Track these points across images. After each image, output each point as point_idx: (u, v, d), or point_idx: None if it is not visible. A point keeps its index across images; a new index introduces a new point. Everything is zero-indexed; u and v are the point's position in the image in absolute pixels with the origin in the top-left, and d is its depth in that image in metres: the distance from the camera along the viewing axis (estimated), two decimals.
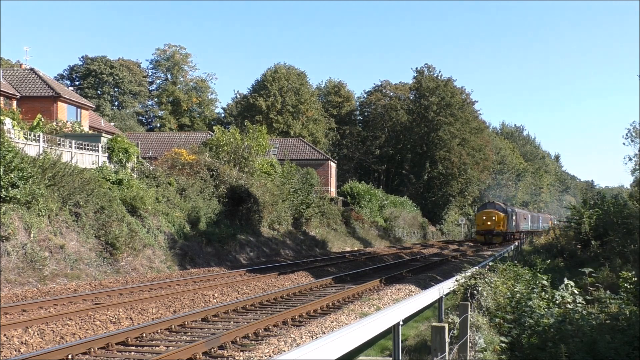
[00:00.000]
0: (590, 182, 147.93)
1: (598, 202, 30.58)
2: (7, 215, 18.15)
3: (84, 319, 12.54)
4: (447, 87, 78.38)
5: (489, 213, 54.73)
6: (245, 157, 38.11)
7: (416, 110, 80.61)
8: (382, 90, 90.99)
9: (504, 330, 10.91)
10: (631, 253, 21.20)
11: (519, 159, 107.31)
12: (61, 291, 16.73)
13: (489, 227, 54.12)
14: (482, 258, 32.88)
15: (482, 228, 54.86)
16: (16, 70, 45.55)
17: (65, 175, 21.61)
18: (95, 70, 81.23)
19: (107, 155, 27.56)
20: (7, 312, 13.06)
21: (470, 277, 13.04)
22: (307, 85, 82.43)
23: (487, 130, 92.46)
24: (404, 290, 19.12)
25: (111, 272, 20.70)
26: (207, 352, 10.09)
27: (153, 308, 14.29)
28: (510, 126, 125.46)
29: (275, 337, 11.38)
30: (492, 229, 53.88)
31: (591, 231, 27.00)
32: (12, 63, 58.92)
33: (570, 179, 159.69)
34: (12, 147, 19.65)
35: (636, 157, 35.61)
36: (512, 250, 35.56)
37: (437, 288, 13.59)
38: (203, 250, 27.62)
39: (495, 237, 53.79)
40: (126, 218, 23.27)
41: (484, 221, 54.68)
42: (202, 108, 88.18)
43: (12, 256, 17.61)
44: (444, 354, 6.99)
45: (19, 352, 10.10)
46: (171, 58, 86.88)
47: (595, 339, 9.59)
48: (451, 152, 76.64)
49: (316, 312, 14.74)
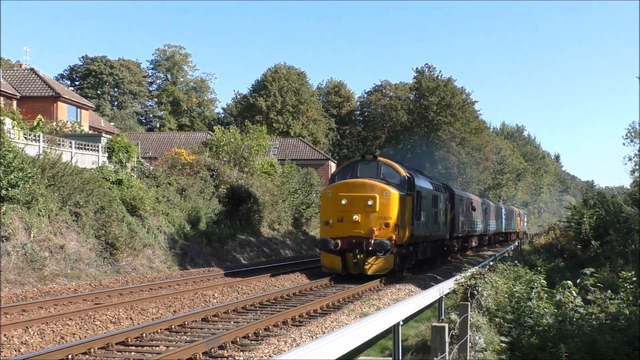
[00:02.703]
0: (590, 182, 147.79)
1: (598, 202, 30.56)
2: (7, 215, 18.15)
3: (84, 319, 12.54)
4: (447, 87, 78.35)
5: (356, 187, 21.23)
6: (245, 157, 38.09)
7: (416, 110, 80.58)
8: (382, 90, 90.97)
9: (504, 330, 10.91)
10: (631, 253, 21.19)
11: (519, 159, 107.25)
12: (61, 291, 16.74)
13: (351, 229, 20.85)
14: (482, 258, 32.87)
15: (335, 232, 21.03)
16: (16, 70, 45.55)
17: (65, 175, 21.61)
18: (95, 70, 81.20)
19: (107, 155, 27.56)
20: (7, 312, 13.06)
21: (470, 277, 13.04)
22: (307, 85, 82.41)
23: (487, 130, 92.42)
24: (404, 290, 19.13)
25: (111, 272, 20.70)
26: (207, 352, 10.09)
27: (153, 308, 14.29)
28: (511, 126, 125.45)
29: (275, 337, 11.38)
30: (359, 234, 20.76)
31: (591, 231, 26.98)
32: (12, 63, 58.86)
33: (570, 179, 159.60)
34: (12, 147, 19.65)
35: (636, 157, 35.62)
36: (512, 250, 35.55)
37: (437, 288, 13.59)
38: (203, 250, 27.62)
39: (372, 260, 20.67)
40: (126, 218, 23.27)
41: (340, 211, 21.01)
42: (202, 108, 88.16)
43: (12, 256, 17.61)
44: (444, 354, 6.99)
45: (19, 352, 10.10)
46: (171, 58, 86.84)
47: (595, 339, 9.58)
48: (451, 152, 76.64)
49: (316, 312, 14.74)
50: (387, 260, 20.68)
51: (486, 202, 45.86)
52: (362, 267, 20.58)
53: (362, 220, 20.55)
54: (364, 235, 20.43)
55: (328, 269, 21.36)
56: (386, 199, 20.68)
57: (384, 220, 20.48)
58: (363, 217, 20.56)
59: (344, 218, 20.68)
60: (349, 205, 20.67)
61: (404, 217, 21.43)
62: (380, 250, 20.28)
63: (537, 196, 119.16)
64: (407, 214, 21.86)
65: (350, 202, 20.73)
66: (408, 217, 21.96)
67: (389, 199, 20.73)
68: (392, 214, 20.64)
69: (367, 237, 20.33)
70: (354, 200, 20.72)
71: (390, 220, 20.55)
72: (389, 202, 20.70)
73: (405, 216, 21.65)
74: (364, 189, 20.87)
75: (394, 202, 20.81)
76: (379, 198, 20.54)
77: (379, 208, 20.50)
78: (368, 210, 20.56)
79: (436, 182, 30.42)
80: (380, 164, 22.31)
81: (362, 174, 21.85)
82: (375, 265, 20.50)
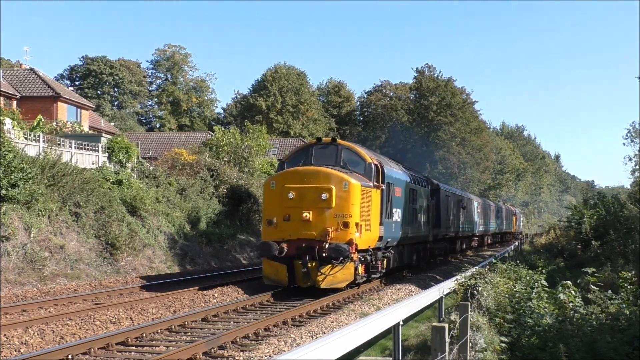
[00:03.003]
0: (590, 182, 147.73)
1: (598, 202, 30.58)
2: (7, 215, 18.15)
3: (84, 319, 12.54)
4: (447, 87, 78.37)
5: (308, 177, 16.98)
6: (245, 157, 38.10)
7: (416, 110, 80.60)
8: (382, 90, 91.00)
9: (504, 330, 10.93)
10: (631, 253, 21.21)
11: (519, 159, 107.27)
12: (61, 291, 16.74)
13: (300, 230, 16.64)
14: (482, 258, 32.88)
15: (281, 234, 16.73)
16: (16, 70, 45.58)
17: (65, 176, 21.62)
18: (95, 70, 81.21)
19: (107, 155, 27.57)
20: (7, 312, 13.06)
21: (470, 277, 13.06)
22: (307, 85, 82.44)
23: (487, 130, 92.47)
24: (404, 290, 19.13)
25: (111, 272, 20.70)
26: (207, 352, 10.09)
27: (153, 308, 14.29)
28: (511, 126, 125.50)
29: (275, 337, 11.38)
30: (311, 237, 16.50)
31: (591, 231, 26.99)
32: (12, 63, 58.86)
33: (571, 179, 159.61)
34: (12, 148, 19.66)
35: (636, 157, 35.60)
36: (512, 250, 35.56)
37: (437, 288, 13.60)
38: (203, 251, 27.63)
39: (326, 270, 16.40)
40: (126, 218, 23.27)
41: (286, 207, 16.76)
42: (202, 108, 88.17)
43: (12, 256, 17.61)
44: (444, 354, 6.99)
45: (19, 352, 10.11)
46: (171, 58, 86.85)
47: (595, 339, 9.59)
48: (451, 152, 76.67)
49: (316, 312, 14.74)
50: (346, 270, 16.47)
51: (478, 200, 42.78)
52: (314, 278, 16.46)
53: (314, 218, 16.41)
54: (317, 237, 16.32)
55: (271, 280, 17.10)
56: (345, 191, 16.46)
57: (342, 219, 16.41)
58: (315, 215, 16.44)
59: (291, 216, 16.53)
60: (298, 199, 16.52)
61: (369, 214, 17.36)
62: (337, 256, 16.05)
63: (537, 196, 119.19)
64: (374, 210, 17.81)
65: (299, 195, 16.52)
66: (375, 214, 17.92)
67: (349, 192, 16.49)
68: (353, 211, 16.53)
69: (320, 240, 16.26)
70: (304, 193, 16.52)
71: (349, 218, 16.44)
72: (349, 195, 16.48)
73: (372, 213, 17.57)
74: (317, 179, 16.70)
75: (355, 195, 16.61)
76: (335, 190, 16.38)
77: (336, 203, 16.38)
78: (322, 206, 16.45)
79: (416, 174, 25.85)
80: (341, 148, 18.36)
81: (317, 161, 17.89)
82: (330, 276, 16.40)
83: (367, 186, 17.40)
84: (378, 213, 18.21)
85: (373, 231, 17.80)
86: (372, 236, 17.76)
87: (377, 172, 18.38)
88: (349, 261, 16.38)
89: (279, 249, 16.40)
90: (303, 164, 17.91)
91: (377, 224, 18.13)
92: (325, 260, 16.30)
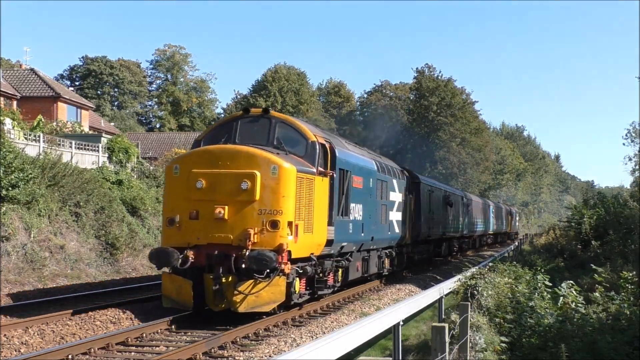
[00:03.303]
0: (590, 182, 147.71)
1: (598, 202, 30.57)
2: (7, 215, 18.16)
3: (84, 319, 12.53)
4: (447, 87, 78.42)
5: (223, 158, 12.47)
6: None
7: (416, 110, 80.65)
8: (382, 91, 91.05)
9: (504, 330, 10.93)
10: (631, 253, 21.20)
11: (519, 159, 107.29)
12: (61, 291, 16.73)
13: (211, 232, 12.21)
14: (482, 258, 32.90)
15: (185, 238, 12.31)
16: (16, 70, 45.62)
17: (65, 176, 21.63)
18: (95, 70, 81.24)
19: (107, 156, 27.59)
20: (7, 312, 13.05)
21: (470, 277, 13.07)
22: (307, 86, 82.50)
23: (487, 130, 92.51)
24: (404, 290, 19.14)
25: (111, 272, 20.70)
26: (207, 352, 10.09)
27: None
28: (511, 126, 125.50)
29: (275, 337, 11.37)
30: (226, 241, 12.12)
31: (591, 231, 26.98)
32: (12, 63, 58.89)
33: (570, 179, 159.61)
34: (12, 148, 19.67)
35: (636, 157, 35.58)
36: (512, 250, 35.57)
37: (437, 288, 13.62)
38: None
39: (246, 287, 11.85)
40: (126, 218, 23.27)
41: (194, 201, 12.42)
42: (202, 108, 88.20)
43: (12, 256, 17.61)
44: (444, 354, 7.00)
45: (19, 352, 10.11)
46: (171, 58, 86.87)
47: (595, 339, 9.60)
48: (451, 152, 76.72)
49: (316, 312, 14.73)
50: (274, 287, 11.84)
51: (468, 197, 38.22)
52: (230, 298, 11.84)
53: (231, 216, 11.95)
54: (234, 242, 11.91)
55: (172, 301, 12.31)
56: (274, 178, 12.02)
57: (270, 217, 11.95)
58: (233, 212, 11.98)
59: (199, 213, 12.16)
60: (210, 190, 12.05)
61: (310, 210, 12.87)
62: (260, 268, 11.52)
63: (537, 196, 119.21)
64: (320, 205, 13.33)
65: (211, 184, 12.06)
66: (321, 210, 13.44)
67: (279, 179, 12.03)
68: (285, 205, 12.05)
69: (238, 245, 11.85)
70: (218, 181, 12.07)
71: (280, 215, 11.96)
72: (279, 184, 12.03)
73: (315, 209, 13.08)
74: (236, 162, 12.18)
75: (287, 184, 12.11)
76: (260, 177, 11.97)
77: (261, 195, 11.96)
78: (242, 199, 11.99)
79: (387, 162, 21.12)
80: (275, 122, 13.68)
81: (244, 139, 13.22)
82: (252, 297, 11.77)
83: (307, 172, 12.80)
84: (326, 209, 13.72)
85: (317, 233, 13.29)
86: (315, 240, 13.23)
87: (325, 155, 13.83)
88: (278, 275, 11.74)
89: (183, 258, 11.89)
90: (225, 142, 13.27)
91: (323, 223, 13.56)
92: (245, 274, 11.74)
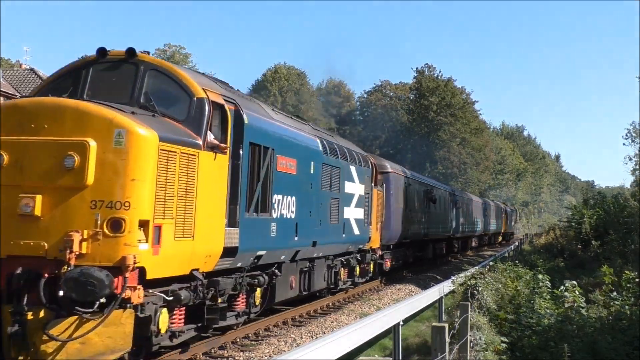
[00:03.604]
0: (590, 182, 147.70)
1: (599, 202, 30.55)
2: None
3: None
4: (447, 87, 78.45)
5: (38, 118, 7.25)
6: None
7: (416, 110, 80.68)
8: (382, 90, 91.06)
9: (504, 330, 10.92)
10: (631, 253, 21.19)
11: (519, 159, 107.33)
12: None
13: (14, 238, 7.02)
14: (482, 258, 32.90)
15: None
16: (16, 70, 45.58)
17: None
18: None
19: None
20: None
21: (470, 277, 13.07)
22: (307, 86, 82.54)
23: (487, 130, 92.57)
24: (404, 290, 19.15)
25: None
26: (207, 352, 10.07)
27: None
28: (511, 126, 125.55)
29: (275, 337, 11.37)
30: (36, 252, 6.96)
31: (591, 231, 26.97)
32: (12, 63, 58.85)
33: (571, 179, 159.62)
34: None
35: (636, 157, 35.55)
36: (512, 250, 35.57)
37: (437, 288, 13.62)
38: None
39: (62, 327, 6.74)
40: None
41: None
42: None
43: None
44: (444, 354, 6.98)
45: None
46: (171, 58, 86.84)
47: (595, 339, 9.59)
48: (451, 152, 76.75)
49: (316, 312, 14.72)
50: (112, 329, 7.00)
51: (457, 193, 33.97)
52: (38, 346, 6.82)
53: (47, 211, 7.17)
54: (49, 254, 7.08)
55: None
56: (119, 151, 7.27)
57: (110, 213, 7.13)
58: (49, 204, 7.19)
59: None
60: (15, 169, 7.30)
61: (189, 203, 8.15)
62: (82, 297, 6.80)
63: (537, 196, 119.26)
64: (210, 196, 8.68)
65: (15, 160, 7.31)
66: (213, 204, 8.80)
67: (128, 153, 7.27)
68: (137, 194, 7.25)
69: (55, 259, 7.04)
70: (26, 154, 7.32)
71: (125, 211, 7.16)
72: (127, 159, 7.27)
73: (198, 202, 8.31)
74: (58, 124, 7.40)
75: (143, 160, 7.36)
76: (95, 149, 7.21)
77: (97, 176, 7.19)
78: (64, 184, 7.20)
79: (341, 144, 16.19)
80: (144, 69, 8.80)
81: (95, 93, 8.56)
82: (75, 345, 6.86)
83: (181, 143, 8.06)
84: (223, 201, 9.09)
85: (205, 238, 8.57)
86: (199, 248, 8.46)
87: (223, 121, 9.08)
88: (115, 307, 6.98)
89: None
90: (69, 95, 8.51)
91: (217, 223, 8.96)
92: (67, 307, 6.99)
